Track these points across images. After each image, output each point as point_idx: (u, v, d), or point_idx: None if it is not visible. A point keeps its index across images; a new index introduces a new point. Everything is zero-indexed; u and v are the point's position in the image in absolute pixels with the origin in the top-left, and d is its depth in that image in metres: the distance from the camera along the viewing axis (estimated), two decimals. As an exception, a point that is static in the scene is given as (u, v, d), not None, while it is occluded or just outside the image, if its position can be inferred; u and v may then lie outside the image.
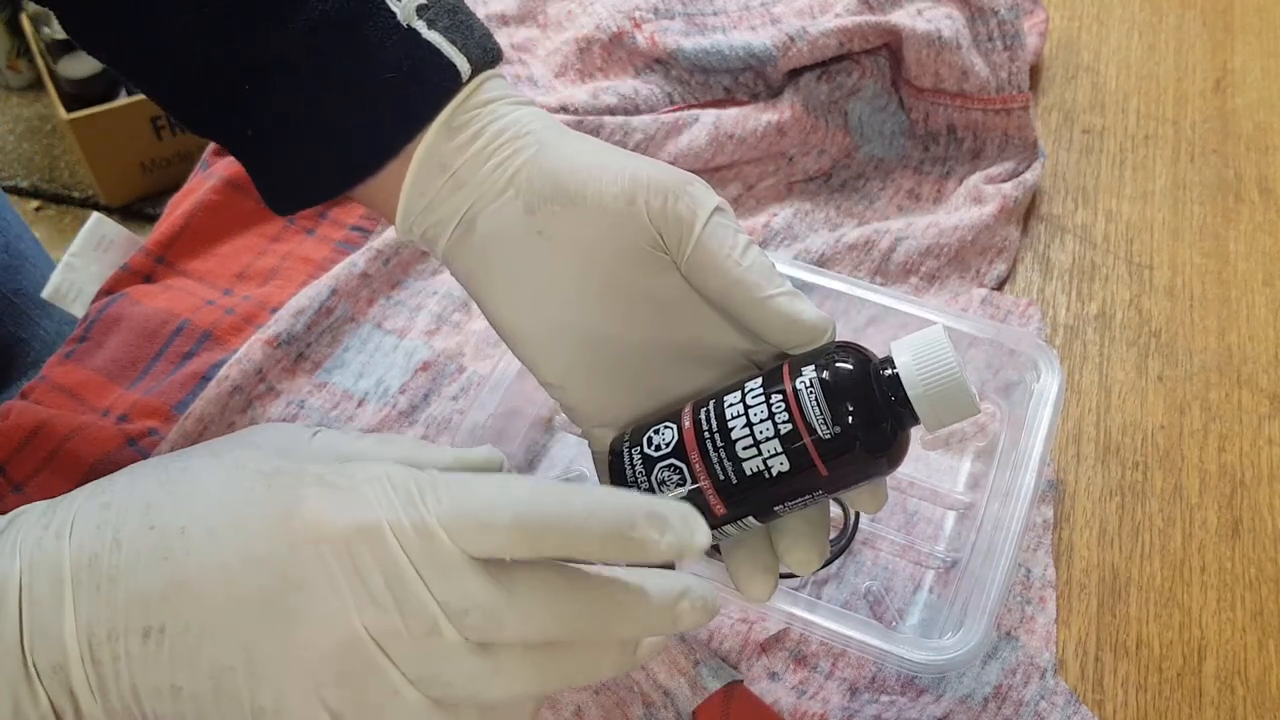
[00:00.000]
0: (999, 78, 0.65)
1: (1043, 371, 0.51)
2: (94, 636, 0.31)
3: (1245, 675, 0.49)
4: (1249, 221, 0.66)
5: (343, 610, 0.31)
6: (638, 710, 0.45)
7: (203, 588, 0.32)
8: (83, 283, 0.61)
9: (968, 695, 0.47)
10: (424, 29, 0.42)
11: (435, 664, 0.31)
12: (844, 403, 0.34)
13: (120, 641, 0.31)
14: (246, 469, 0.33)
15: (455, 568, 0.31)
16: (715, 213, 0.38)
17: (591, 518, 0.31)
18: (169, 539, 0.32)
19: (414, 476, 0.32)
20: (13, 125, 1.84)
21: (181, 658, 0.32)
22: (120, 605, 0.32)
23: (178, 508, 0.33)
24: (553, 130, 0.41)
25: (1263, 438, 0.56)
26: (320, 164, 0.43)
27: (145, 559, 0.32)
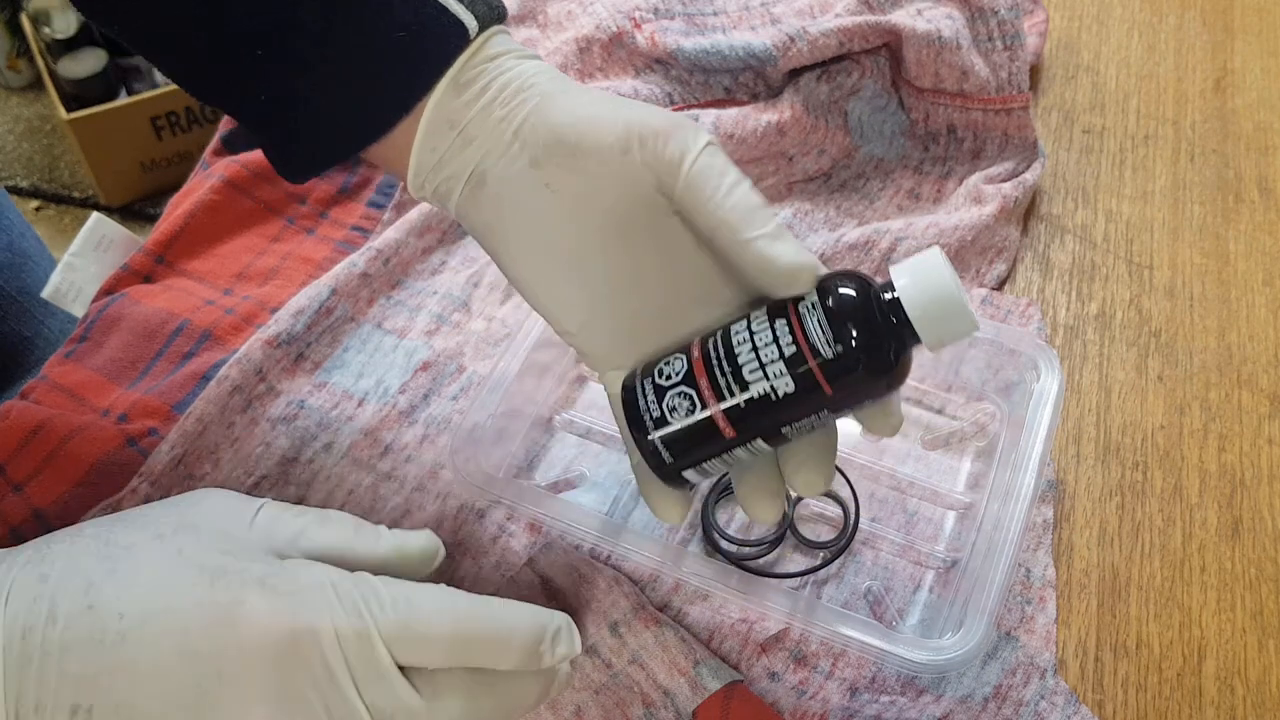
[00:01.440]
0: (999, 78, 0.65)
1: (1043, 371, 0.51)
2: (22, 707, 0.32)
3: (1245, 675, 0.49)
4: (1249, 221, 0.66)
5: (271, 715, 0.32)
6: (637, 710, 0.45)
7: (136, 675, 0.32)
8: (83, 283, 0.61)
9: (968, 695, 0.47)
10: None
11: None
12: (846, 324, 0.35)
13: (47, 715, 0.32)
14: (189, 561, 0.34)
15: (388, 675, 0.33)
16: (703, 153, 0.38)
17: (511, 636, 0.35)
18: (105, 622, 0.33)
19: (358, 586, 0.34)
20: (13, 125, 1.84)
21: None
22: (50, 681, 0.32)
23: (117, 591, 0.33)
24: (555, 82, 0.41)
25: (1263, 438, 0.56)
26: (334, 125, 0.43)
27: (80, 639, 0.33)
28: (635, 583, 0.48)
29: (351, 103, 0.42)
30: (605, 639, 0.46)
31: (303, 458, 0.53)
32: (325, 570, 0.35)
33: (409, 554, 0.39)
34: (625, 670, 0.45)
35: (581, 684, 0.45)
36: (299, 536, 0.37)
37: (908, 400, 0.56)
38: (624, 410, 0.39)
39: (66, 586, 0.33)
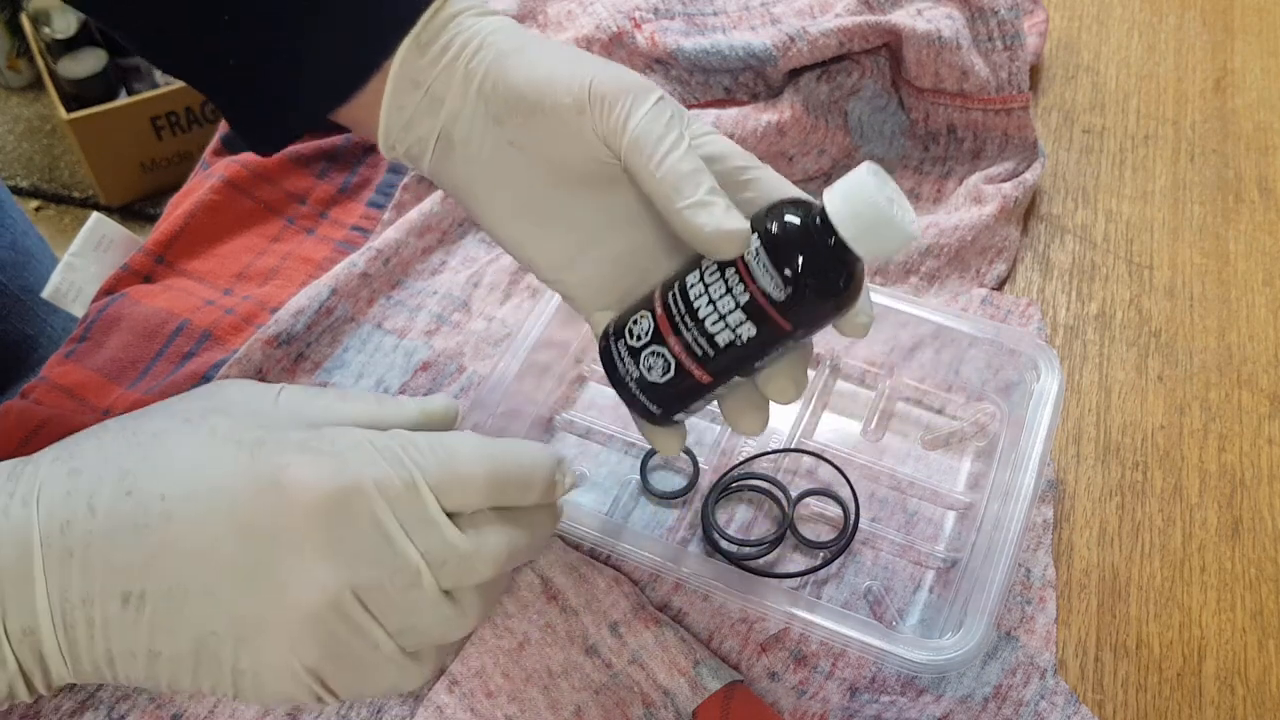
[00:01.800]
0: (999, 78, 0.65)
1: (1043, 371, 0.51)
2: (67, 602, 0.31)
3: (1245, 675, 0.49)
4: (1249, 221, 0.66)
5: (331, 571, 0.32)
6: (638, 710, 0.45)
7: (186, 553, 0.32)
8: (83, 283, 0.61)
9: (968, 695, 0.47)
10: None
11: (414, 615, 0.33)
12: (791, 261, 0.36)
13: (95, 607, 0.31)
14: (224, 438, 0.34)
15: (437, 521, 0.33)
16: (645, 117, 0.38)
17: (535, 472, 0.35)
18: (147, 505, 0.32)
19: (395, 439, 0.34)
20: (12, 125, 1.84)
21: (161, 623, 0.32)
22: (96, 571, 0.31)
23: (154, 475, 0.33)
24: (515, 38, 0.41)
25: (1263, 438, 0.56)
26: (301, 88, 0.43)
27: (123, 526, 0.32)
28: (635, 583, 0.48)
29: (318, 64, 0.42)
30: (605, 639, 0.46)
31: (303, 458, 0.53)
32: (361, 431, 0.35)
33: (433, 414, 0.38)
34: (625, 670, 0.45)
35: (581, 684, 0.45)
36: (326, 411, 0.37)
37: (908, 400, 0.56)
38: (606, 372, 0.40)
39: (101, 476, 0.33)
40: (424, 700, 0.45)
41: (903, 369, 0.56)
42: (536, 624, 0.46)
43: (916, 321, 0.53)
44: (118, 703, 0.45)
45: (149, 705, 0.44)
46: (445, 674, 0.45)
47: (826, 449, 0.54)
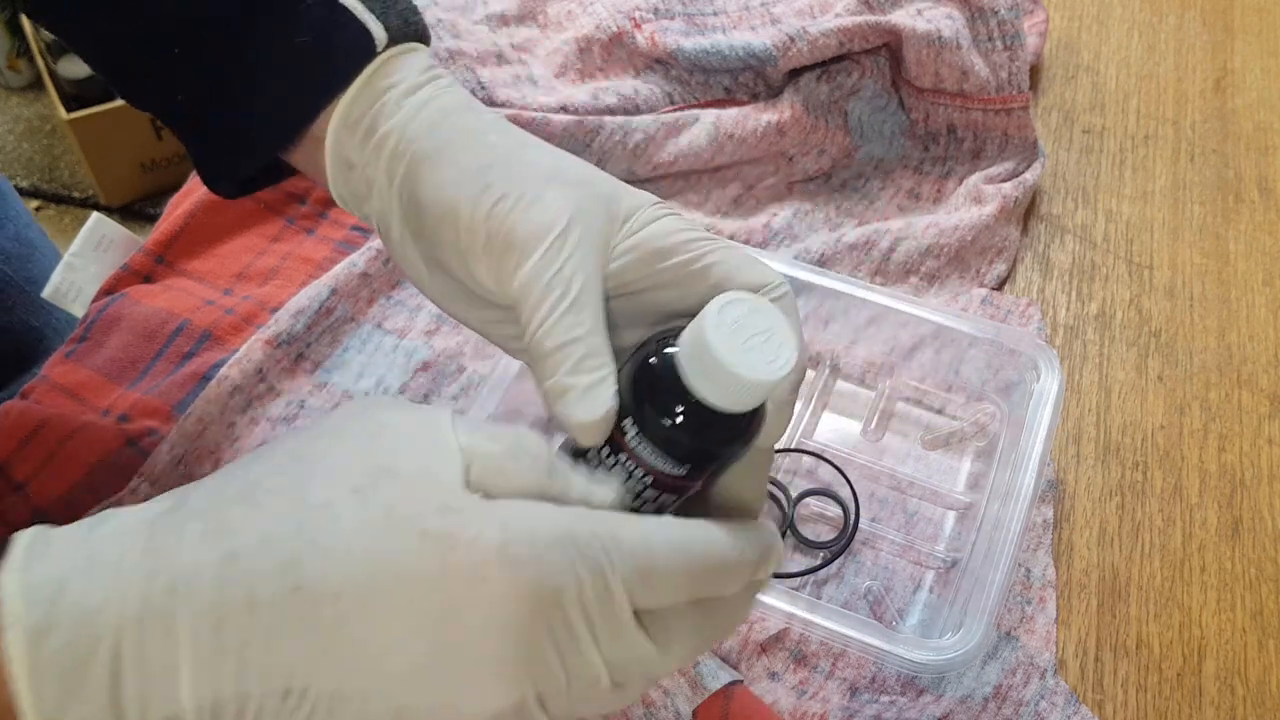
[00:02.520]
0: (999, 78, 0.65)
1: (1043, 371, 0.51)
2: (219, 699, 0.28)
3: (1245, 675, 0.49)
4: (1249, 221, 0.66)
5: (515, 685, 0.29)
6: (638, 710, 0.45)
7: (358, 659, 0.29)
8: (83, 283, 0.61)
9: (968, 695, 0.47)
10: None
11: (584, 708, 0.31)
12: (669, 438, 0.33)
13: (251, 702, 0.28)
14: (403, 525, 0.30)
15: (627, 629, 0.31)
16: (530, 270, 0.35)
17: (741, 562, 0.32)
18: (317, 607, 0.29)
19: (597, 534, 0.31)
20: (12, 125, 1.84)
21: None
22: (252, 671, 0.28)
23: (325, 569, 0.29)
24: (434, 135, 0.39)
25: (1263, 438, 0.56)
26: (248, 130, 0.42)
27: (288, 626, 0.29)
28: (635, 583, 0.48)
29: (263, 107, 0.41)
30: (605, 639, 0.46)
31: (303, 458, 0.53)
32: (563, 518, 0.31)
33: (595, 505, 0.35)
34: (625, 670, 0.45)
35: (581, 684, 0.45)
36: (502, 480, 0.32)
37: (909, 400, 0.56)
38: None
39: (261, 568, 0.29)
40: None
41: (903, 369, 0.56)
42: (536, 624, 0.46)
43: (916, 321, 0.53)
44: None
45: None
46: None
47: (826, 449, 0.53)
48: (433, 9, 0.69)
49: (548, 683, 0.30)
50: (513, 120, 0.61)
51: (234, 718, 0.28)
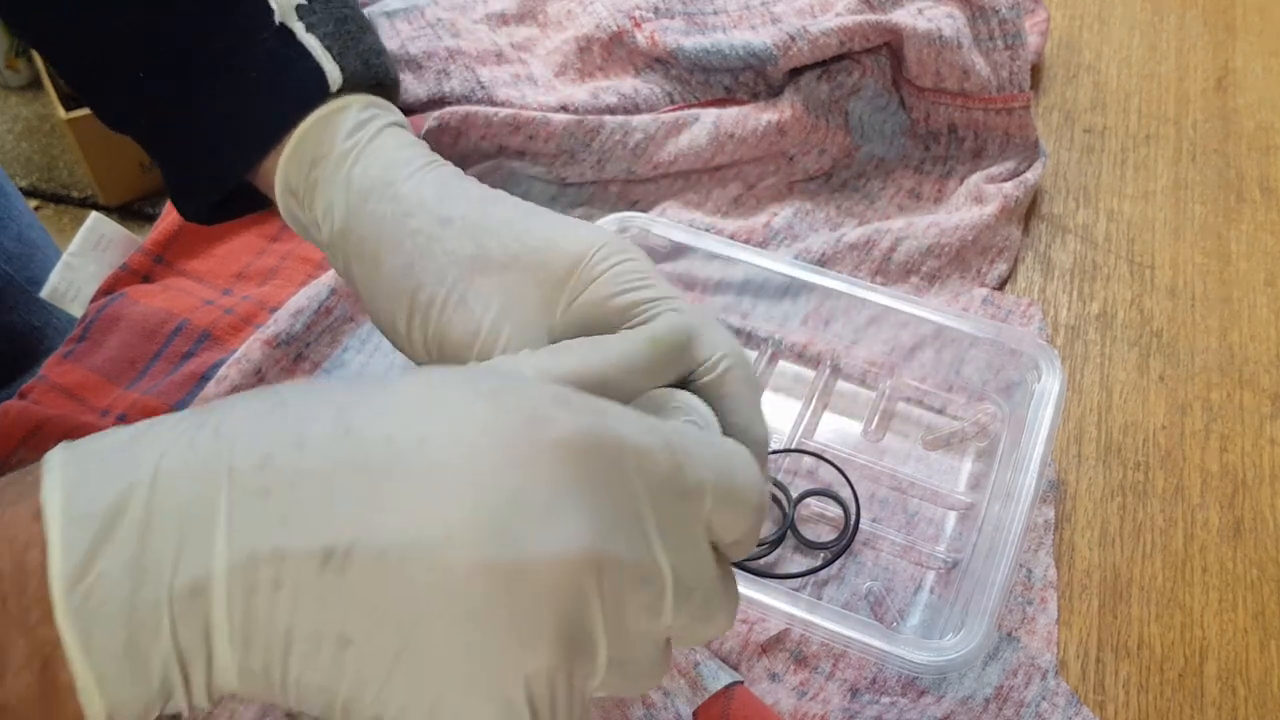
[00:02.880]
0: (1000, 77, 0.65)
1: (1044, 372, 0.50)
2: (255, 554, 0.25)
3: (1246, 676, 0.49)
4: (1250, 221, 0.66)
5: (582, 530, 0.26)
6: (638, 711, 0.44)
7: (410, 508, 0.25)
8: (81, 282, 0.61)
9: (969, 696, 0.47)
10: (300, 30, 0.41)
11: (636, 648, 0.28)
12: None
13: (287, 565, 0.25)
14: (458, 385, 0.27)
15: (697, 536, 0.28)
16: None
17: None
18: (369, 448, 0.26)
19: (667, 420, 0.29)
20: (11, 124, 1.84)
21: (364, 594, 0.25)
22: (295, 519, 0.25)
23: (377, 415, 0.26)
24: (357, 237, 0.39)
25: (1264, 438, 0.56)
26: (202, 160, 0.42)
27: (338, 467, 0.26)
28: (635, 583, 0.48)
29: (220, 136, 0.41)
30: (605, 640, 0.46)
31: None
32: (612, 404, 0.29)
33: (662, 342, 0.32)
34: (625, 671, 0.45)
35: (581, 685, 0.45)
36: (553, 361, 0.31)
37: (909, 400, 0.56)
38: None
39: (313, 414, 0.26)
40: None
41: (903, 369, 0.56)
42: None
43: (917, 321, 0.53)
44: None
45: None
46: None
47: (827, 449, 0.53)
48: (432, 8, 0.69)
49: (611, 548, 0.26)
50: (512, 121, 0.61)
51: (267, 592, 0.25)
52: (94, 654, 0.25)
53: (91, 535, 0.25)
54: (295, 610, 0.25)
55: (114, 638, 0.25)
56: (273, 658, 0.25)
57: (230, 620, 0.25)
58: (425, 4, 0.69)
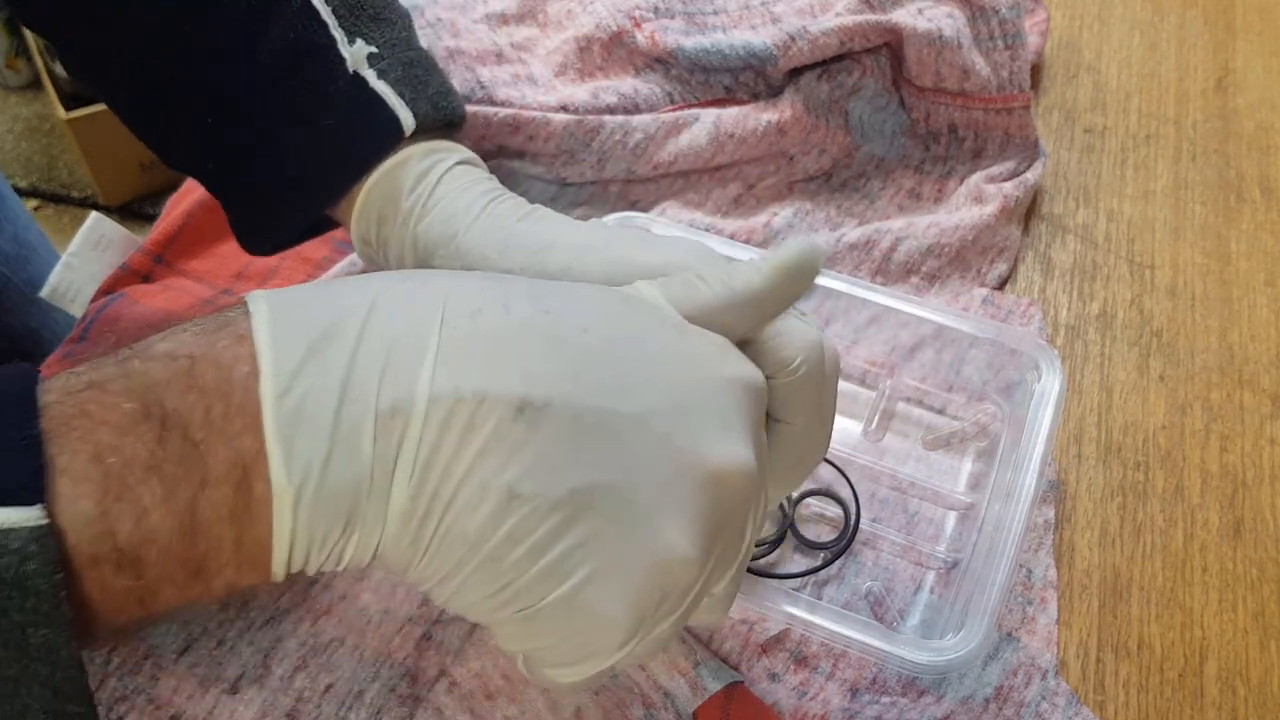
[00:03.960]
0: (1000, 77, 0.65)
1: (1044, 372, 0.50)
2: (458, 390, 0.26)
3: (1247, 676, 0.49)
4: (1251, 221, 0.66)
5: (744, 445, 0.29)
6: (638, 711, 0.44)
7: (601, 384, 0.27)
8: (81, 282, 0.61)
9: (969, 696, 0.47)
10: (372, 78, 0.41)
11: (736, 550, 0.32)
12: None
13: (484, 409, 0.26)
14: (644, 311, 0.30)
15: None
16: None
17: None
18: (566, 330, 0.27)
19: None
20: (11, 124, 1.84)
21: (549, 453, 0.26)
22: (498, 366, 0.26)
23: (575, 307, 0.28)
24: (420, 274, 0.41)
25: (1264, 438, 0.56)
26: (275, 204, 0.43)
27: (538, 334, 0.27)
28: (635, 583, 0.48)
29: (291, 183, 0.42)
30: (605, 640, 0.46)
31: (302, 458, 0.53)
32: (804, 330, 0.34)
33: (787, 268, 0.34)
34: (625, 671, 0.45)
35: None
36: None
37: (909, 400, 0.56)
38: None
39: (517, 291, 0.28)
40: (423, 702, 0.45)
41: (903, 369, 0.56)
42: (536, 625, 0.46)
43: (917, 321, 0.53)
44: (116, 703, 0.44)
45: (148, 705, 0.44)
46: (444, 675, 0.45)
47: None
48: (432, 8, 0.69)
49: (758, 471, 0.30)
50: (512, 121, 0.61)
51: (459, 433, 0.26)
52: (294, 464, 0.25)
53: (302, 353, 0.26)
54: (480, 455, 0.26)
55: (316, 449, 0.25)
56: (437, 503, 0.26)
57: (418, 451, 0.26)
58: (425, 3, 0.69)
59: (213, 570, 0.27)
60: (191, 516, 0.26)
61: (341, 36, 0.41)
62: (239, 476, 0.26)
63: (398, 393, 0.26)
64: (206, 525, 0.26)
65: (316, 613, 0.47)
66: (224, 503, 0.26)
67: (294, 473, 0.25)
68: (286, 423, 0.25)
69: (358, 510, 0.26)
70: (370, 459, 0.26)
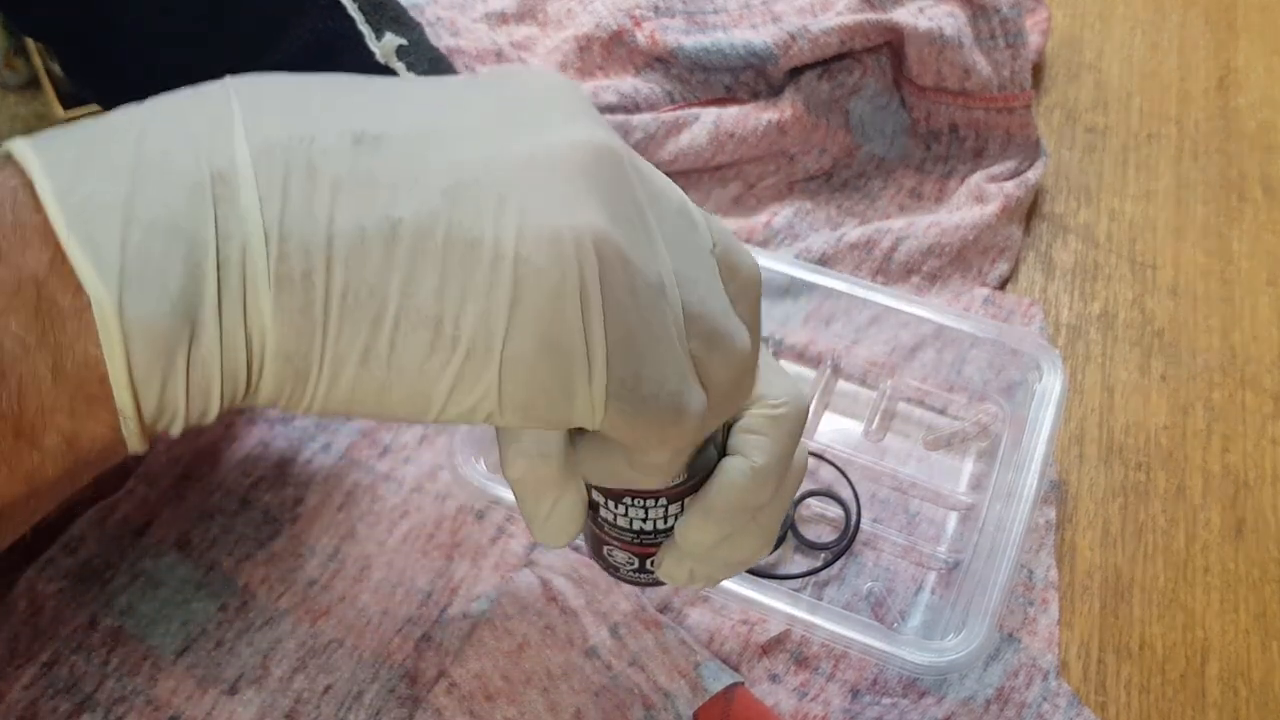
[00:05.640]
0: (1001, 76, 0.65)
1: (1045, 372, 0.50)
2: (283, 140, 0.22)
3: (1248, 677, 0.48)
4: (1252, 221, 0.66)
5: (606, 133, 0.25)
6: (638, 712, 0.44)
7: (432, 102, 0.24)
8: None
9: (970, 697, 0.46)
10: (402, 70, 0.42)
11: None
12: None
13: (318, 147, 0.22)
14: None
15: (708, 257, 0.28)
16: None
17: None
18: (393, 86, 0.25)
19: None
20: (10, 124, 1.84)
21: (403, 169, 0.23)
22: (315, 111, 0.23)
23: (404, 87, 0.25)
24: None
25: (1266, 438, 0.56)
26: None
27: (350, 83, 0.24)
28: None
29: None
30: (605, 641, 0.46)
31: (301, 458, 0.52)
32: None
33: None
34: (625, 672, 0.45)
35: (581, 686, 0.45)
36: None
37: (910, 400, 0.56)
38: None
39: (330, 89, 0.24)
40: (422, 703, 0.45)
41: (904, 369, 0.56)
42: (536, 625, 0.46)
43: (918, 321, 0.53)
44: (114, 704, 0.44)
45: (146, 706, 0.44)
46: (444, 676, 0.45)
47: (828, 449, 0.53)
48: (431, 7, 0.69)
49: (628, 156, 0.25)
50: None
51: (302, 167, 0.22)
52: (103, 260, 0.21)
53: (78, 151, 0.22)
54: (335, 193, 0.22)
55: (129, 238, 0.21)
56: (314, 261, 0.22)
57: (263, 210, 0.22)
58: (424, 2, 0.69)
59: (35, 417, 0.22)
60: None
61: (369, 31, 0.42)
62: (34, 295, 0.21)
63: (213, 160, 0.22)
64: (9, 361, 0.21)
65: (315, 613, 0.47)
66: (24, 329, 0.21)
67: (105, 271, 0.21)
68: (80, 217, 0.21)
69: (205, 300, 0.22)
70: (204, 234, 0.21)
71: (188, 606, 0.47)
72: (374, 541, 0.49)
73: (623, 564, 0.35)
